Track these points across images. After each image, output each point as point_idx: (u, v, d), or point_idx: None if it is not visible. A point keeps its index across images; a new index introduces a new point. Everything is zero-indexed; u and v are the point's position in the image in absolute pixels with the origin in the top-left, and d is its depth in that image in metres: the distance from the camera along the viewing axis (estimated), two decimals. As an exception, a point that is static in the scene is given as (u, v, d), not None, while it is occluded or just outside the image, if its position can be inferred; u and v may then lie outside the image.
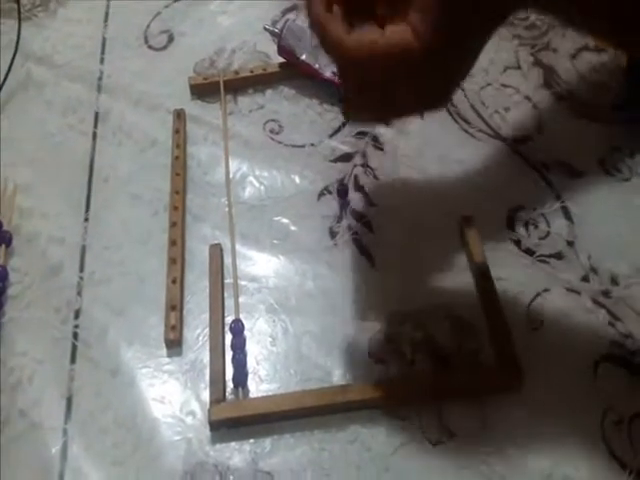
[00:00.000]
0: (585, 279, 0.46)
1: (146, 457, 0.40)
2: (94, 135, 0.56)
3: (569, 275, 0.46)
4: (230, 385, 0.42)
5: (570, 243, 0.48)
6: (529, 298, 0.45)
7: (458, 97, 0.56)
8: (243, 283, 0.47)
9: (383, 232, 0.49)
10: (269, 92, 0.57)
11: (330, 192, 0.51)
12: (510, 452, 0.39)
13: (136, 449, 0.41)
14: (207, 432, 0.41)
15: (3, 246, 0.48)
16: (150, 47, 0.62)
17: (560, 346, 0.43)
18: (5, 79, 0.58)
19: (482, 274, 0.45)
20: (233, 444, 0.41)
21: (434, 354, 0.43)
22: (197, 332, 0.45)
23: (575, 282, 0.46)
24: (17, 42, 0.60)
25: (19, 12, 0.63)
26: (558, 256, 0.47)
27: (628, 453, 0.39)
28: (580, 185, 0.50)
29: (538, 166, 0.51)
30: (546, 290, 0.45)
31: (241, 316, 0.45)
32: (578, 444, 0.40)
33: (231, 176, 0.52)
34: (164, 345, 0.44)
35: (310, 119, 0.56)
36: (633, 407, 0.40)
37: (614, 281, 0.46)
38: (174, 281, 0.46)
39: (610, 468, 0.39)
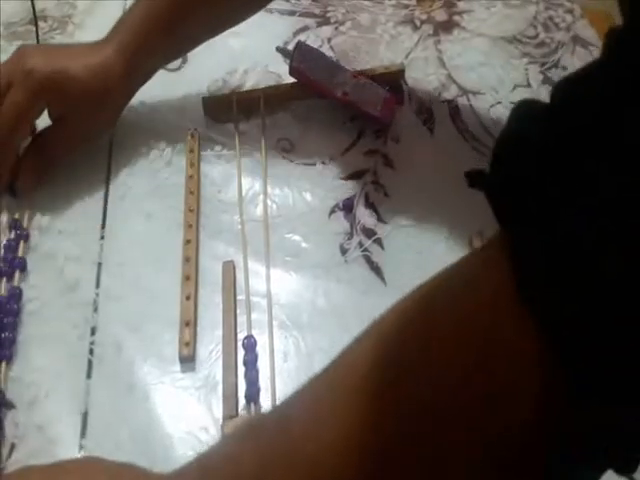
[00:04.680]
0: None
1: (161, 472, 0.41)
2: (110, 154, 0.57)
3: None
4: (243, 401, 0.43)
5: (580, 260, 0.48)
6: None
7: (468, 115, 0.56)
8: (255, 299, 0.47)
9: (394, 249, 0.49)
10: (281, 111, 0.58)
11: (341, 209, 0.52)
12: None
13: (151, 464, 0.40)
14: (220, 447, 0.42)
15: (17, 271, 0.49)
16: (164, 68, 0.63)
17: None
18: (24, 100, 0.60)
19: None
20: (246, 460, 0.41)
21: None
22: (210, 348, 0.46)
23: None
24: (35, 64, 0.62)
25: (37, 34, 0.64)
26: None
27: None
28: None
29: (547, 183, 0.52)
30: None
31: (253, 332, 0.46)
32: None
33: (244, 194, 0.53)
34: (178, 361, 0.45)
35: (321, 138, 0.57)
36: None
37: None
38: (188, 297, 0.47)
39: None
